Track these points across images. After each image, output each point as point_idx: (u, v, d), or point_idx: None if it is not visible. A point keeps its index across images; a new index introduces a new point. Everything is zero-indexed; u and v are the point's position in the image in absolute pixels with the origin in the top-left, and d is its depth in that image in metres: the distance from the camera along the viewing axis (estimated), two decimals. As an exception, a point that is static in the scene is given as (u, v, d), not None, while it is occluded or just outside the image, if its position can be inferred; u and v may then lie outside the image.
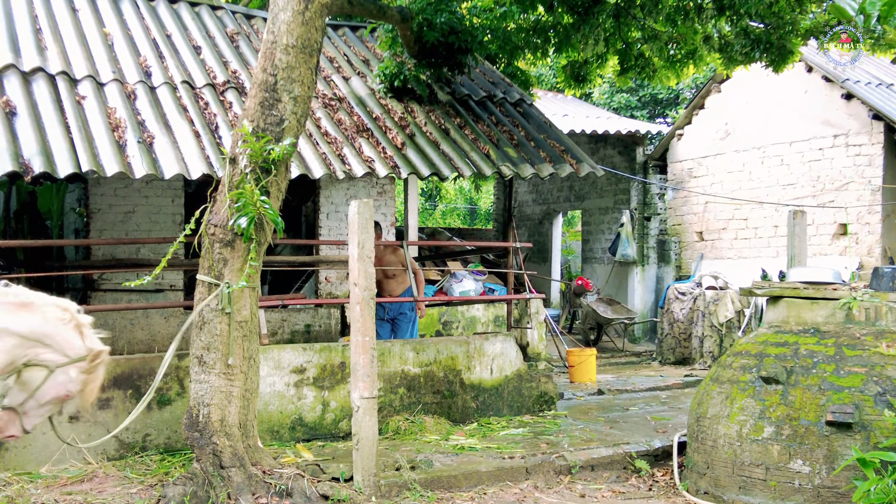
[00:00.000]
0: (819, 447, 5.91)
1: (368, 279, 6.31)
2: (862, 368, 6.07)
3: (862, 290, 6.64)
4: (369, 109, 9.35)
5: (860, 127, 13.29)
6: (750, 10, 9.30)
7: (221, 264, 6.09)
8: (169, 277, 10.57)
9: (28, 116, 7.30)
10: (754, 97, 15.06)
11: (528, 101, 10.78)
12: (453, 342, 8.87)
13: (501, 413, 8.94)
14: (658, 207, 16.93)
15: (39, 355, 4.60)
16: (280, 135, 6.13)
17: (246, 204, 5.91)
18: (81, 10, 9.29)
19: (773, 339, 6.64)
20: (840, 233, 13.54)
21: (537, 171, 9.07)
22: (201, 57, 9.22)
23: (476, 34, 9.40)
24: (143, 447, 7.16)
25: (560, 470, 7.14)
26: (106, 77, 8.24)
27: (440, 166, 8.66)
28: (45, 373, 4.58)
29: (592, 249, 18.31)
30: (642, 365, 14.30)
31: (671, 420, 9.08)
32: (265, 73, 6.19)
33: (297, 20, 6.19)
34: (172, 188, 10.86)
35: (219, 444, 5.93)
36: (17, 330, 4.52)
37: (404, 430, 8.07)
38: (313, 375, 7.96)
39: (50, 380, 4.59)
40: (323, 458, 6.99)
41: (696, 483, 6.65)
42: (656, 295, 16.61)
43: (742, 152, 15.35)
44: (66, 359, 4.61)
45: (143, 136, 7.57)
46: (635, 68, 11.32)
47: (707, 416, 6.61)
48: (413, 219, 11.63)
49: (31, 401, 4.60)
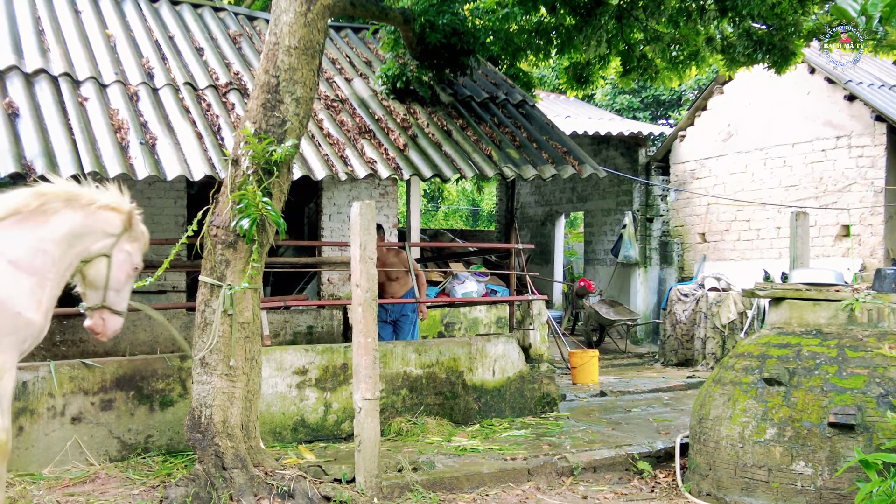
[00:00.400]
0: (821, 449, 5.91)
1: (370, 280, 6.31)
2: (864, 370, 6.07)
3: (864, 292, 6.64)
4: (371, 111, 9.35)
5: (863, 128, 13.28)
6: (752, 12, 9.29)
7: (224, 266, 6.10)
8: (171, 279, 10.58)
9: (31, 118, 7.31)
10: (757, 98, 15.05)
11: (531, 102, 10.78)
12: (455, 343, 8.86)
13: (503, 414, 8.93)
14: (660, 209, 16.93)
15: (89, 248, 4.70)
16: (282, 136, 6.13)
17: (248, 205, 5.91)
18: (84, 11, 9.30)
19: (775, 341, 6.63)
20: (842, 234, 13.53)
21: (539, 173, 9.06)
22: (204, 58, 9.23)
23: (478, 35, 9.40)
24: (145, 448, 7.16)
25: (562, 471, 7.14)
26: (108, 78, 8.25)
27: (442, 168, 8.66)
28: (105, 261, 4.76)
29: (595, 251, 18.31)
30: (645, 366, 14.29)
31: (673, 421, 9.07)
32: (267, 74, 6.19)
33: (300, 21, 6.19)
34: (175, 189, 10.87)
35: (221, 446, 5.93)
36: (54, 236, 4.57)
37: (406, 431, 8.06)
38: (315, 377, 7.96)
39: (113, 264, 4.78)
40: (325, 460, 6.99)
41: (699, 484, 6.65)
42: (659, 296, 16.60)
43: (744, 154, 15.34)
44: (113, 238, 4.79)
45: (146, 138, 7.58)
46: (638, 70, 11.31)
47: (709, 418, 6.60)
48: (415, 220, 11.62)
49: (109, 292, 4.76)
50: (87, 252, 4.75)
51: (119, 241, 4.87)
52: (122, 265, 4.87)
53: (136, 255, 4.98)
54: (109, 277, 4.79)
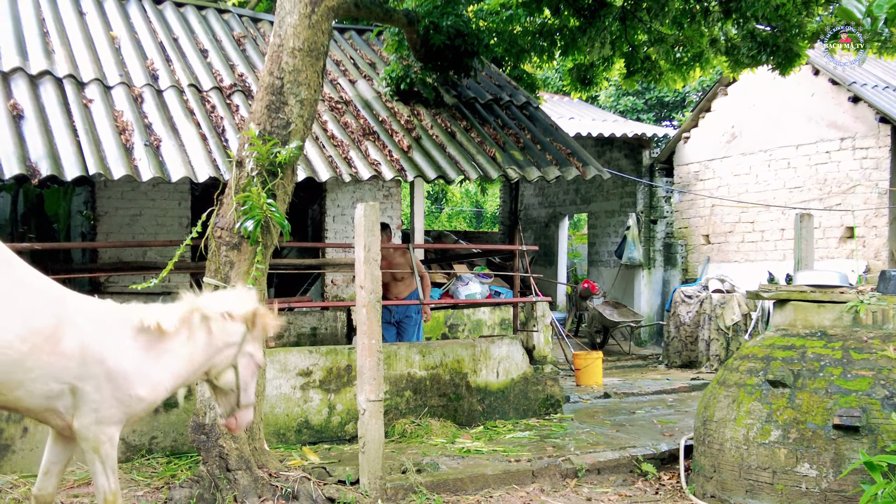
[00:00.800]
0: (826, 451, 5.89)
1: (374, 282, 6.31)
2: (869, 372, 6.06)
3: (869, 294, 6.63)
4: (375, 112, 9.36)
5: (867, 130, 13.25)
6: (756, 13, 9.28)
7: (228, 267, 6.10)
8: (175, 280, 10.57)
9: (35, 119, 7.32)
10: (761, 100, 15.03)
11: (534, 104, 10.78)
12: (459, 345, 8.86)
13: (507, 416, 8.93)
14: (664, 210, 16.91)
15: (217, 366, 4.81)
16: (286, 138, 6.14)
17: (252, 207, 5.92)
18: (88, 13, 9.32)
19: (779, 343, 6.62)
20: (847, 236, 13.51)
21: (543, 174, 9.06)
22: (208, 60, 9.24)
23: (482, 37, 9.40)
24: (149, 450, 7.16)
25: (566, 473, 7.13)
26: (113, 80, 8.26)
27: (446, 169, 8.67)
28: (232, 371, 4.85)
29: (598, 252, 18.30)
30: (648, 368, 14.28)
31: (678, 423, 9.06)
32: (272, 76, 6.20)
33: (304, 23, 6.20)
34: (179, 191, 10.89)
35: (225, 447, 5.93)
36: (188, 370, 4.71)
37: (410, 432, 8.06)
38: (319, 378, 7.96)
39: (240, 370, 4.85)
40: (329, 461, 6.99)
41: (703, 486, 6.64)
42: (662, 298, 16.58)
43: (748, 155, 15.32)
44: (236, 346, 4.83)
45: (150, 139, 7.59)
46: (641, 71, 11.30)
47: (714, 420, 6.59)
48: (419, 222, 11.63)
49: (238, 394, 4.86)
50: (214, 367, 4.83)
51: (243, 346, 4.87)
52: (247, 367, 4.89)
53: (258, 353, 4.96)
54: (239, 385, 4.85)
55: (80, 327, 4.32)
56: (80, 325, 4.33)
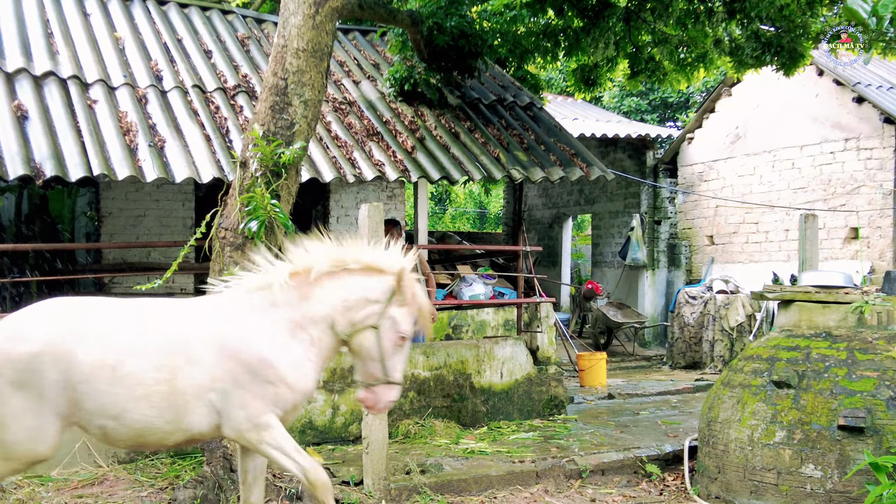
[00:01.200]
0: (831, 452, 5.88)
1: (378, 283, 6.30)
2: (874, 372, 6.04)
3: (874, 294, 6.61)
4: (379, 113, 9.36)
5: (871, 130, 13.23)
6: (760, 14, 9.28)
7: (232, 268, 6.10)
8: (179, 281, 10.60)
9: (39, 120, 7.33)
10: (765, 101, 15.01)
11: (538, 104, 10.77)
12: (463, 346, 8.85)
13: (511, 417, 8.92)
14: (668, 211, 16.89)
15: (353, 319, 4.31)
16: (290, 138, 6.14)
17: (256, 207, 5.92)
18: (93, 14, 9.33)
19: (784, 343, 6.61)
20: (851, 237, 13.48)
21: (547, 175, 9.06)
22: (212, 61, 9.25)
23: (486, 38, 9.41)
24: (153, 451, 7.16)
25: (570, 474, 7.12)
26: (117, 81, 8.27)
27: (450, 170, 8.66)
28: (372, 333, 4.32)
29: (602, 253, 18.28)
30: (653, 369, 14.26)
31: (682, 424, 9.05)
32: (276, 76, 6.20)
33: (308, 24, 6.20)
34: (183, 192, 10.90)
35: (229, 448, 5.94)
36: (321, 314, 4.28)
37: (414, 433, 8.06)
38: (323, 379, 7.96)
39: (382, 335, 4.32)
40: (333, 462, 6.99)
41: (708, 487, 6.62)
42: (667, 299, 16.56)
43: (753, 156, 15.30)
44: (379, 304, 4.31)
45: (154, 140, 7.60)
46: (645, 72, 11.30)
47: (718, 421, 6.58)
48: (423, 222, 11.62)
49: (378, 364, 4.32)
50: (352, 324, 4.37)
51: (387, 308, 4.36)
52: (389, 333, 4.35)
53: (405, 322, 4.39)
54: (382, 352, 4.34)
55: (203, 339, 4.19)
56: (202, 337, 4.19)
